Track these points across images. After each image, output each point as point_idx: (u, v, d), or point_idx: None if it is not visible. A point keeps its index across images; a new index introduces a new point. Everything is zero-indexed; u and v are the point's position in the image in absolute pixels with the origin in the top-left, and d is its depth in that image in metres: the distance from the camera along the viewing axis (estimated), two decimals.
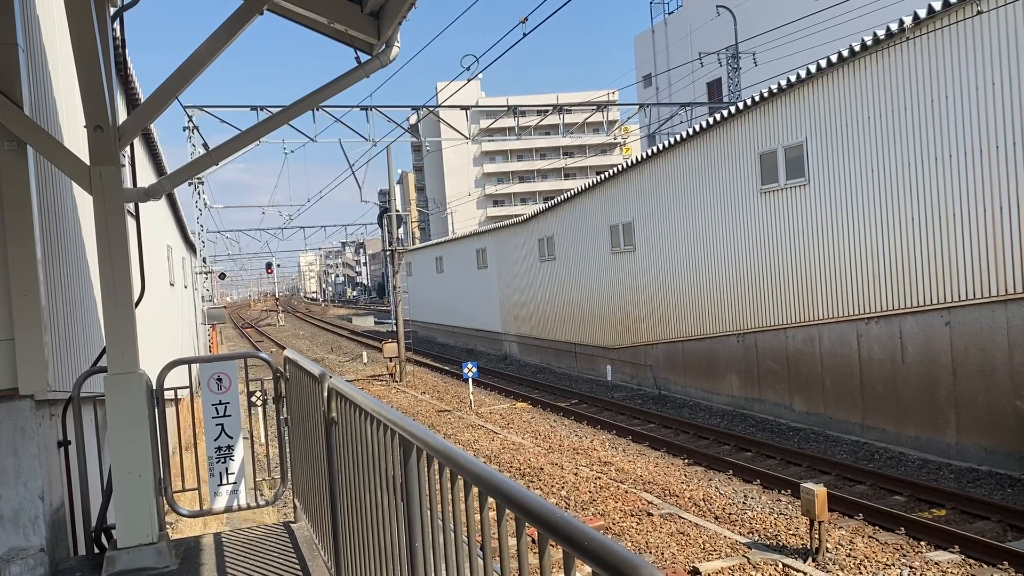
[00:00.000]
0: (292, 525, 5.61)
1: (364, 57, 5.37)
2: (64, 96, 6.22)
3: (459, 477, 2.11)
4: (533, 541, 3.15)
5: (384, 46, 5.20)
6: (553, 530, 1.49)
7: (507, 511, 1.78)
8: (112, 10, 5.51)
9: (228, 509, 5.35)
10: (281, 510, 10.05)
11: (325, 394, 3.92)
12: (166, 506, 5.01)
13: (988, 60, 11.84)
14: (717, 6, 38.03)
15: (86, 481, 4.99)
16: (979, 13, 11.57)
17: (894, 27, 13.08)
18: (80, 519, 5.07)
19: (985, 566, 8.83)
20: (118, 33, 6.04)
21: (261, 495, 5.95)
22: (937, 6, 12.31)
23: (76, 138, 6.15)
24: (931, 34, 12.64)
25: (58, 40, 6.22)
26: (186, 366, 5.67)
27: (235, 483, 5.31)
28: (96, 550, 4.99)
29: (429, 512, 2.39)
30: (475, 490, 2.02)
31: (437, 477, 2.28)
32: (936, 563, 8.96)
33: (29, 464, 4.65)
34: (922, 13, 12.59)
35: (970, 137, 12.19)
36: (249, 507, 5.54)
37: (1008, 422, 11.90)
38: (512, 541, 1.76)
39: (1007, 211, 11.73)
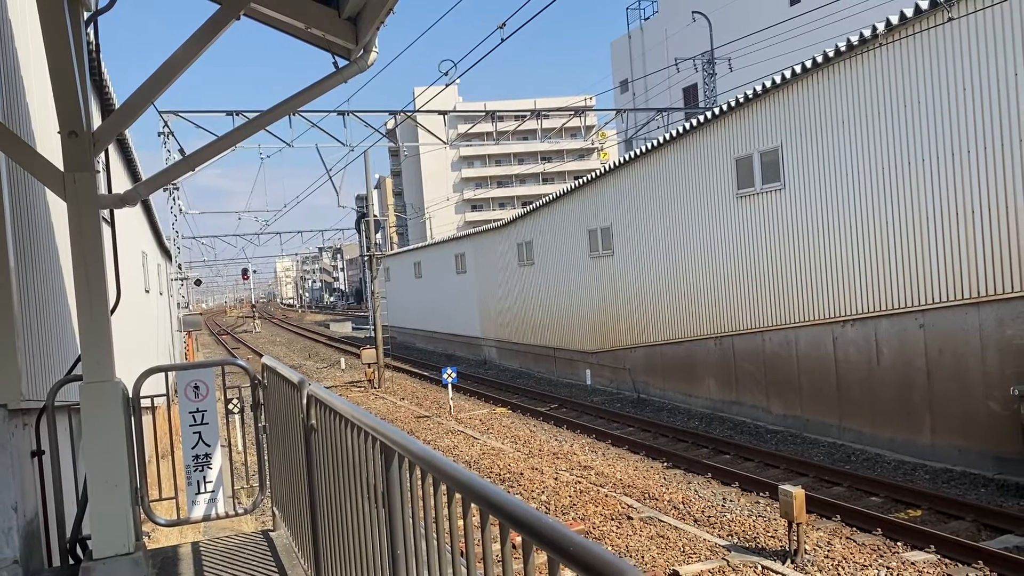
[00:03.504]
0: (271, 533, 5.56)
1: (342, 62, 5.34)
2: (37, 101, 6.14)
3: (442, 484, 2.10)
4: (514, 547, 3.14)
5: (362, 51, 5.18)
6: (538, 536, 1.48)
7: (491, 517, 1.77)
8: (86, 14, 5.45)
9: (206, 518, 5.29)
10: (259, 518, 9.97)
11: (304, 401, 3.90)
12: (143, 516, 4.95)
13: (959, 65, 12.01)
14: (693, 12, 38.31)
15: (60, 491, 4.92)
16: (950, 20, 11.74)
17: (868, 33, 13.24)
18: (55, 530, 5.00)
19: (960, 565, 8.93)
20: (92, 37, 5.98)
21: (239, 503, 5.89)
22: (910, 12, 12.47)
23: (49, 144, 6.08)
24: (904, 40, 12.80)
25: (31, 44, 6.15)
26: (162, 374, 5.61)
27: (213, 492, 5.25)
28: (71, 561, 4.91)
29: (411, 519, 2.38)
30: (458, 496, 2.01)
31: (420, 484, 2.27)
32: (912, 563, 9.05)
33: (2, 475, 4.57)
34: (895, 19, 12.75)
35: (942, 141, 12.36)
36: (227, 516, 5.48)
37: (981, 423, 12.05)
38: (495, 546, 1.75)
39: (979, 214, 11.90)
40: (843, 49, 13.77)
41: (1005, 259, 11.58)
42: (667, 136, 19.06)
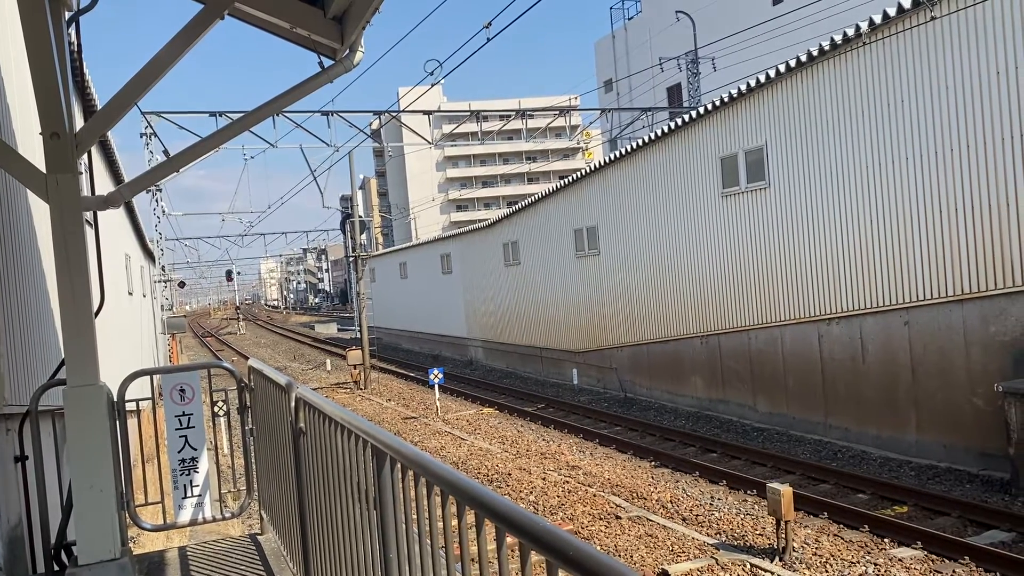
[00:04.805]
0: (259, 537, 5.52)
1: (327, 62, 5.30)
2: (18, 102, 6.07)
3: (435, 487, 2.08)
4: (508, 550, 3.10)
5: (348, 51, 5.15)
6: (536, 540, 1.46)
7: (486, 521, 1.75)
8: (67, 14, 5.38)
9: (193, 522, 5.24)
10: (246, 522, 9.90)
11: (292, 404, 3.87)
12: (128, 521, 4.90)
13: (941, 64, 12.09)
14: (676, 12, 38.40)
15: (45, 497, 4.86)
16: (933, 19, 11.81)
17: (851, 32, 13.31)
18: (39, 536, 4.93)
19: (947, 561, 8.99)
20: (73, 38, 5.92)
21: (226, 507, 5.85)
22: (893, 12, 12.54)
23: (31, 145, 6.01)
24: (887, 39, 12.88)
25: (11, 44, 6.07)
26: (147, 377, 5.55)
27: (200, 496, 5.20)
28: (56, 567, 4.85)
29: (404, 524, 2.36)
30: (452, 499, 1.99)
31: (412, 486, 2.25)
32: (900, 559, 9.10)
33: None
34: (878, 19, 12.82)
35: (926, 140, 12.44)
36: (214, 520, 5.44)
37: (966, 419, 12.14)
38: (490, 549, 1.73)
39: (963, 212, 11.98)
40: (827, 48, 13.83)
41: (989, 257, 11.67)
42: (652, 135, 19.10)
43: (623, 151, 20.40)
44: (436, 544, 2.12)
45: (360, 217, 31.80)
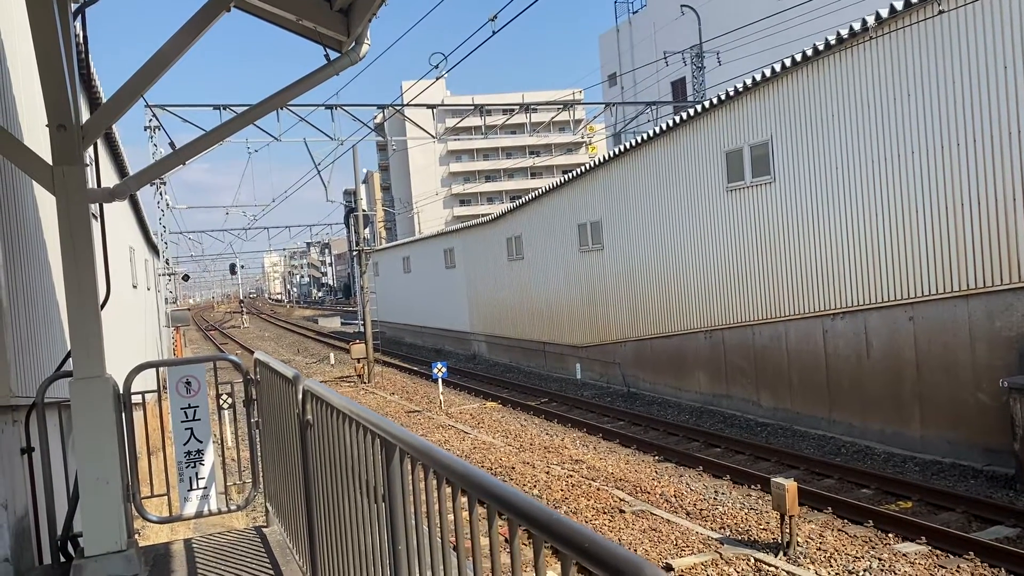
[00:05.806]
0: (264, 529, 5.53)
1: (333, 55, 5.29)
2: (24, 94, 6.07)
3: (444, 479, 2.07)
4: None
5: (354, 43, 5.13)
6: (550, 532, 1.45)
7: (498, 514, 1.74)
8: (74, 6, 5.38)
9: (198, 515, 5.25)
10: (250, 514, 9.92)
11: (299, 396, 3.86)
12: (134, 512, 4.91)
13: (948, 58, 12.04)
14: (681, 5, 38.27)
15: (51, 488, 4.86)
16: (940, 13, 11.76)
17: (857, 26, 13.25)
18: (45, 527, 4.94)
19: (951, 556, 8.98)
20: (79, 30, 5.91)
21: (231, 500, 5.85)
22: (899, 6, 12.49)
23: (37, 137, 6.00)
24: (893, 33, 12.82)
25: (17, 37, 6.07)
26: (151, 369, 5.56)
27: (205, 488, 5.21)
28: (63, 559, 4.86)
29: (414, 516, 2.35)
30: (461, 492, 1.99)
31: (422, 478, 2.24)
32: (904, 554, 9.09)
33: None
34: (884, 12, 12.77)
35: (931, 134, 12.39)
36: (219, 512, 5.44)
37: (970, 415, 12.12)
38: (500, 540, 1.73)
39: (967, 207, 11.94)
40: (833, 43, 13.78)
41: (995, 252, 11.63)
42: (657, 130, 19.05)
43: (627, 145, 20.36)
44: (447, 536, 2.12)
45: (363, 211, 31.79)
